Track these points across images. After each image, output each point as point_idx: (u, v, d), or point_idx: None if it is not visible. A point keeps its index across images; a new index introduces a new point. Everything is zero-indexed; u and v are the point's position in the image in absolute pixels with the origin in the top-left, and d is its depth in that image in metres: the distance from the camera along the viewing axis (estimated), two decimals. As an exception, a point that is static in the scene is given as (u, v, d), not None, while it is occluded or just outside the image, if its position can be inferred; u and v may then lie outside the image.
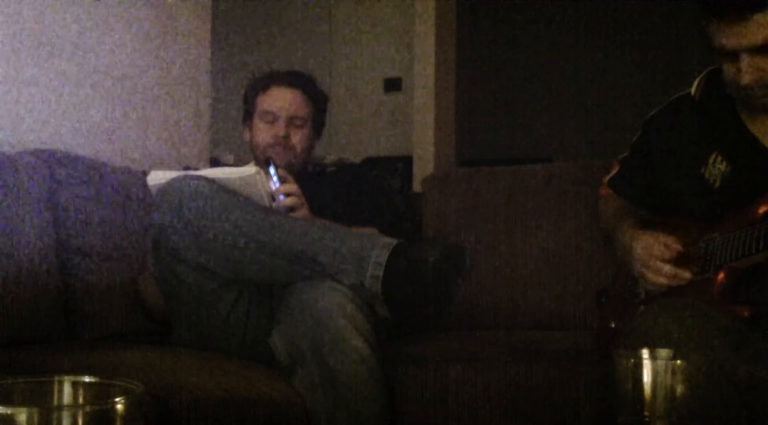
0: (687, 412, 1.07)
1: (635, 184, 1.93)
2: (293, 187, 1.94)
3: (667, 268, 1.66)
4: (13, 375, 0.72)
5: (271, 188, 1.91)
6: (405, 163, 4.68)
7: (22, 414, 0.61)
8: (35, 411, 0.61)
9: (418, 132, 4.69)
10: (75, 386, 0.69)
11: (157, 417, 1.39)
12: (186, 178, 1.78)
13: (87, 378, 0.69)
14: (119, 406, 0.63)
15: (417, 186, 3.90)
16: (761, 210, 1.58)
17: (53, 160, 2.03)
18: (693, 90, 1.79)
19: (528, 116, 5.99)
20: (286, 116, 2.17)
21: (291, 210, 1.90)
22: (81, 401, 0.68)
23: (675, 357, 1.10)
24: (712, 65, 1.73)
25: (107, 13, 2.42)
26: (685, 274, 1.65)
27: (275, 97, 2.18)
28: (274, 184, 1.93)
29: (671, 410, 1.07)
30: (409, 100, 4.80)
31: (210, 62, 2.81)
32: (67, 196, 2.01)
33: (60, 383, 0.69)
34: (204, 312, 1.81)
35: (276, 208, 1.88)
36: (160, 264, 1.83)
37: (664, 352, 1.12)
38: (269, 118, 2.17)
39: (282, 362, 1.71)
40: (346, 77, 5.02)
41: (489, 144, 5.88)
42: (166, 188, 1.76)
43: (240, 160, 3.56)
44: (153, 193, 1.82)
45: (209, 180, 1.77)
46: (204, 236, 1.72)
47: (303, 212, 1.93)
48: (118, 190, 2.10)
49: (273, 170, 1.95)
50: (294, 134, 2.18)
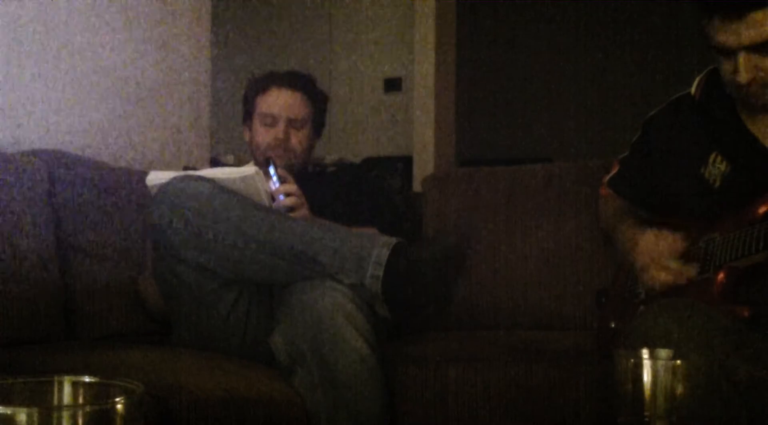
0: (687, 412, 1.06)
1: (635, 184, 1.93)
2: (293, 186, 1.94)
3: (673, 263, 1.66)
4: (13, 375, 0.72)
5: (271, 188, 1.91)
6: (405, 163, 4.68)
7: (22, 414, 0.61)
8: (35, 411, 0.61)
9: (418, 132, 4.68)
10: (75, 386, 0.69)
11: (157, 417, 1.39)
12: (186, 178, 1.78)
13: (87, 378, 0.69)
14: (119, 406, 0.63)
15: (417, 186, 3.91)
16: (761, 210, 1.58)
17: (53, 160, 2.03)
18: (693, 90, 1.79)
19: (528, 116, 5.99)
20: (285, 118, 2.16)
21: (291, 210, 1.91)
22: (81, 401, 0.68)
23: (675, 357, 1.10)
24: (712, 65, 1.72)
25: (107, 13, 2.42)
26: (691, 270, 1.65)
27: (275, 99, 2.17)
28: (273, 183, 1.93)
29: (671, 410, 1.07)
30: (409, 100, 4.80)
31: (210, 62, 2.81)
32: (67, 195, 2.01)
33: (60, 383, 0.69)
34: (204, 312, 1.81)
35: (276, 208, 1.88)
36: (160, 264, 1.83)
37: (664, 352, 1.12)
38: (269, 120, 2.17)
39: (282, 362, 1.71)
40: (346, 77, 5.02)
41: (489, 144, 5.88)
42: (165, 188, 1.76)
43: (240, 160, 3.57)
44: (153, 193, 1.82)
45: (209, 180, 1.77)
46: (204, 236, 1.72)
47: (303, 212, 1.93)
48: (118, 190, 2.10)
49: (273, 170, 1.95)
50: (294, 136, 2.17)
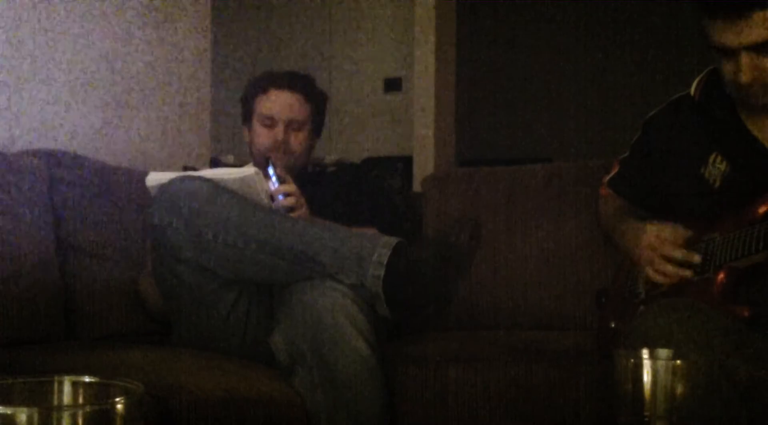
0: (687, 412, 1.06)
1: (635, 184, 1.93)
2: (292, 186, 1.94)
3: (678, 253, 1.66)
4: (13, 375, 0.72)
5: (271, 188, 1.91)
6: (405, 163, 4.67)
7: (22, 414, 0.61)
8: (35, 411, 0.61)
9: (418, 132, 4.68)
10: (75, 386, 0.69)
11: (157, 417, 1.39)
12: (185, 178, 1.78)
13: (87, 378, 0.69)
14: (119, 406, 0.63)
15: (417, 186, 3.90)
16: (761, 210, 1.58)
17: (53, 160, 2.03)
18: (693, 90, 1.79)
19: (528, 116, 5.99)
20: (285, 119, 2.15)
21: (290, 210, 1.91)
22: (81, 401, 0.68)
23: (675, 357, 1.10)
24: (712, 65, 1.72)
25: (107, 14, 2.42)
26: (695, 257, 1.64)
27: (274, 101, 2.17)
28: (273, 184, 1.93)
29: (671, 410, 1.06)
30: (409, 100, 4.80)
31: (210, 62, 2.81)
32: (67, 195, 2.01)
33: (60, 383, 0.69)
34: (204, 312, 1.81)
35: (276, 208, 1.88)
36: (159, 264, 1.83)
37: (664, 352, 1.12)
38: (268, 122, 2.16)
39: (282, 362, 1.71)
40: (346, 77, 5.03)
41: (489, 144, 5.88)
42: (165, 188, 1.76)
43: (240, 160, 3.57)
44: (152, 193, 1.82)
45: (209, 180, 1.77)
46: (204, 236, 1.71)
47: (302, 212, 1.93)
48: (117, 189, 2.10)
49: (272, 170, 1.95)
50: (293, 137, 2.17)
